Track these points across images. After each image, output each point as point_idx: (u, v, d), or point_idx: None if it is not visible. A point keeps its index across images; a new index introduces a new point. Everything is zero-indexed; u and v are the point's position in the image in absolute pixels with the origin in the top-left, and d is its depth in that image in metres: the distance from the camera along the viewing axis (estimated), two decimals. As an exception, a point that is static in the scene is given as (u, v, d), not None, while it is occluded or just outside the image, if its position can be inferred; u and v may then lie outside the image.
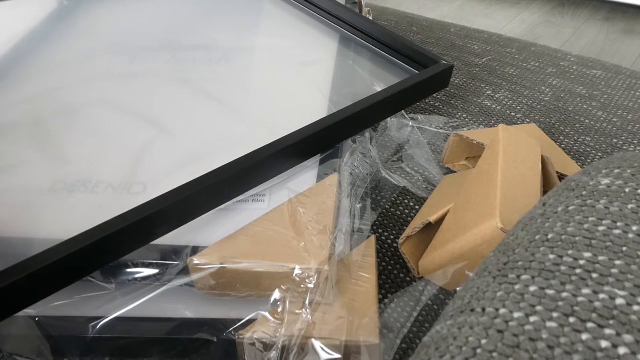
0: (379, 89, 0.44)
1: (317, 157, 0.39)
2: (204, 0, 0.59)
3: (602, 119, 0.54)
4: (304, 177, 0.37)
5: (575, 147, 0.50)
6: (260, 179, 0.35)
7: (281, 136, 0.36)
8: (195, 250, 0.31)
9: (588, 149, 0.50)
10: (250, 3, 0.59)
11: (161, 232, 0.31)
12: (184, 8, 0.58)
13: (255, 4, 0.59)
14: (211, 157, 0.38)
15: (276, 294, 0.31)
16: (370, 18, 0.58)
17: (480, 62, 0.64)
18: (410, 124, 0.50)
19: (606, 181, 0.24)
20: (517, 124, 0.53)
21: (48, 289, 0.28)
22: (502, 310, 0.18)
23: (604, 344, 0.16)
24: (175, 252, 0.31)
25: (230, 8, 0.58)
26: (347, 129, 0.39)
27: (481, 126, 0.53)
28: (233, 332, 0.30)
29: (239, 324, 0.30)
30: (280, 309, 0.30)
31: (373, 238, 0.37)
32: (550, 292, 0.18)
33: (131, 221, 0.29)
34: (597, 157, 0.49)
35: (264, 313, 0.30)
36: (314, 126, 0.37)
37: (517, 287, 0.19)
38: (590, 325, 0.17)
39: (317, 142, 0.38)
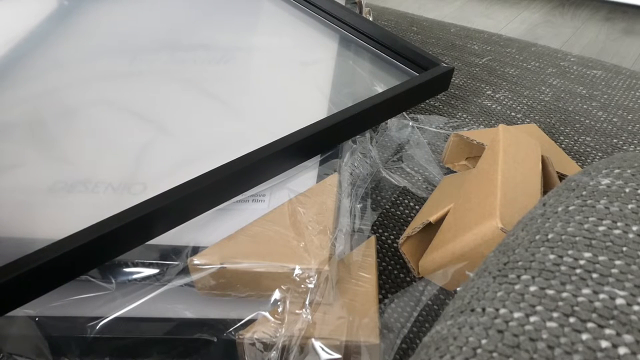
0: (379, 90, 0.44)
1: (317, 158, 0.39)
2: (204, 0, 0.59)
3: (602, 119, 0.54)
4: (304, 177, 0.37)
5: (575, 147, 0.50)
6: (259, 178, 0.35)
7: (281, 136, 0.36)
8: (195, 250, 0.31)
9: (588, 149, 0.50)
10: (250, 3, 0.59)
11: (159, 231, 0.31)
12: (183, 8, 0.58)
13: (255, 4, 0.59)
14: (211, 157, 0.38)
15: (276, 294, 0.31)
16: (370, 18, 0.58)
17: (480, 62, 0.64)
18: (410, 124, 0.50)
19: (606, 181, 0.24)
20: (517, 124, 0.53)
21: (44, 287, 0.28)
22: (502, 310, 0.18)
23: (604, 344, 0.16)
24: (175, 252, 0.31)
25: (230, 8, 0.58)
26: (346, 130, 0.39)
27: (481, 126, 0.53)
28: (233, 332, 0.30)
29: (239, 324, 0.30)
30: (280, 309, 0.30)
31: (373, 238, 0.37)
32: (550, 292, 0.18)
33: (129, 219, 0.29)
34: (597, 157, 0.49)
35: (264, 313, 0.30)
36: (314, 127, 0.37)
37: (517, 287, 0.19)
38: (590, 325, 0.17)
39: (317, 143, 0.38)
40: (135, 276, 0.31)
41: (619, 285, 0.18)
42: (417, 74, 0.47)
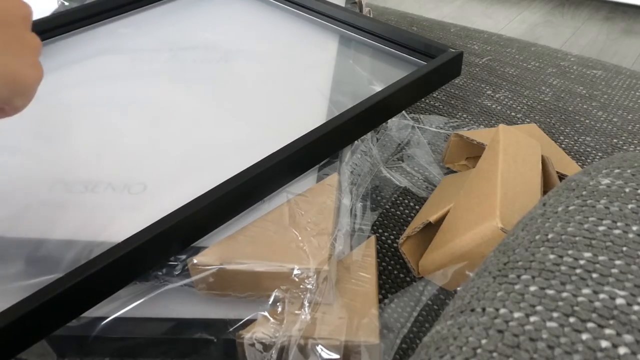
0: (390, 83, 0.44)
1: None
2: (205, 2, 0.59)
3: (602, 119, 0.54)
4: (304, 179, 0.37)
5: (575, 147, 0.50)
6: (277, 184, 0.35)
7: (283, 135, 0.36)
8: (195, 250, 0.31)
9: (588, 149, 0.50)
10: (251, 5, 0.59)
11: (176, 249, 0.31)
12: (185, 10, 0.58)
13: (256, 6, 0.59)
14: (211, 157, 0.38)
15: (276, 294, 0.31)
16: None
17: (480, 62, 0.64)
18: (411, 123, 0.50)
19: (606, 181, 0.24)
20: (517, 124, 0.53)
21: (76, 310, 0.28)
22: (502, 310, 0.18)
23: (604, 343, 0.16)
24: (175, 252, 0.31)
25: (229, 9, 0.58)
26: (366, 122, 0.40)
27: (481, 126, 0.53)
28: (233, 332, 0.30)
29: (239, 324, 0.30)
30: (279, 309, 0.30)
31: (373, 238, 0.36)
32: (550, 292, 0.18)
33: (145, 239, 0.29)
34: (597, 157, 0.49)
35: (263, 313, 0.30)
36: (337, 119, 0.37)
37: (517, 287, 0.19)
38: (590, 325, 0.17)
39: (340, 136, 0.38)
40: (135, 276, 0.31)
41: (619, 285, 0.18)
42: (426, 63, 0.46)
